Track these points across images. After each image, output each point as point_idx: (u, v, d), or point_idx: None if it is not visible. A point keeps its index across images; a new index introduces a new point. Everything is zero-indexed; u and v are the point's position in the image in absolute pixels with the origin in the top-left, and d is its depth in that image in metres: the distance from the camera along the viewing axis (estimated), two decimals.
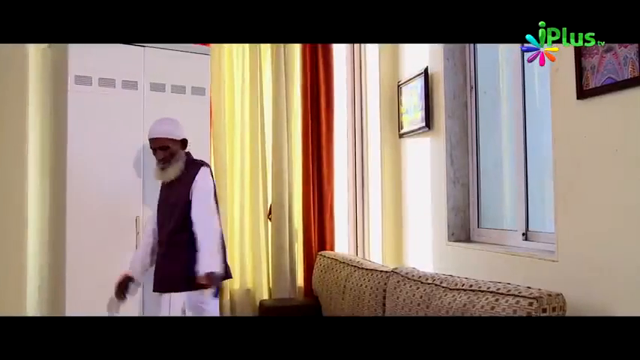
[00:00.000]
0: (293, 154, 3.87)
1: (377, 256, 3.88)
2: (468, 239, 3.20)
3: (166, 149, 2.69)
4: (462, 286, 2.39)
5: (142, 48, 3.06)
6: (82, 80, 2.90)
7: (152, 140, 2.71)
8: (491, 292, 2.21)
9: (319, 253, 3.83)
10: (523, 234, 2.74)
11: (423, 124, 3.37)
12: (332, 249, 3.90)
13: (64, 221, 2.88)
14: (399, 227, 3.80)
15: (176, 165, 2.69)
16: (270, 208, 3.81)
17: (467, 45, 3.24)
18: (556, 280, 2.25)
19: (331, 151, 3.94)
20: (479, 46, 3.22)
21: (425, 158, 3.46)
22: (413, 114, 3.56)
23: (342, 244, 4.03)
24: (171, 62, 3.15)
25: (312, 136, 3.89)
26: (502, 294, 2.14)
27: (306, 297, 3.83)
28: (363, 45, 4.09)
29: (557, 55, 2.26)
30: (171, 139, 2.70)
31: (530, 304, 2.00)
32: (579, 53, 2.14)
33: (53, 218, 3.09)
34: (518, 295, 2.07)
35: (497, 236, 2.96)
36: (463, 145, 3.23)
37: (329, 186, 3.91)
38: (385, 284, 2.91)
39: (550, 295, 2.02)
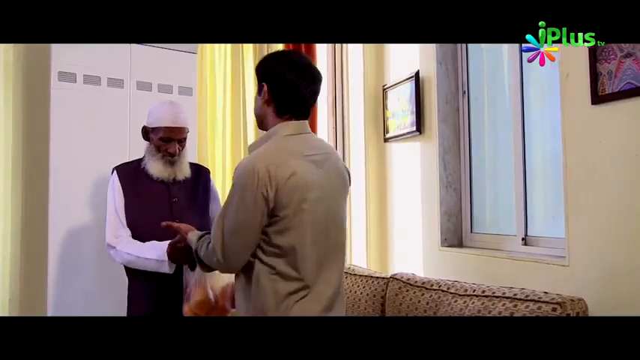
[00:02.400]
0: None
1: (361, 262, 3.82)
2: (460, 245, 3.19)
3: (183, 142, 2.32)
4: (473, 291, 2.36)
5: (129, 45, 2.90)
6: (65, 77, 2.72)
7: (174, 130, 2.26)
8: (507, 297, 2.18)
9: None
10: (522, 239, 2.75)
11: (414, 128, 3.34)
12: None
13: (45, 225, 2.69)
14: (384, 233, 3.76)
15: (185, 161, 2.35)
16: None
17: (459, 49, 3.24)
18: (567, 284, 2.25)
19: None
20: (470, 50, 3.22)
21: (413, 163, 3.43)
22: (400, 118, 3.53)
23: None
24: (158, 60, 3.00)
25: None
26: (520, 299, 2.13)
27: None
28: (345, 48, 4.04)
29: (569, 60, 2.29)
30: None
31: (554, 309, 1.99)
32: (594, 58, 2.16)
33: (30, 222, 2.88)
34: (539, 301, 2.06)
35: (494, 241, 2.95)
36: (455, 150, 3.22)
37: None
38: (384, 291, 2.85)
39: (573, 301, 2.01)
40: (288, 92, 1.74)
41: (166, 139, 2.26)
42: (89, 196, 2.78)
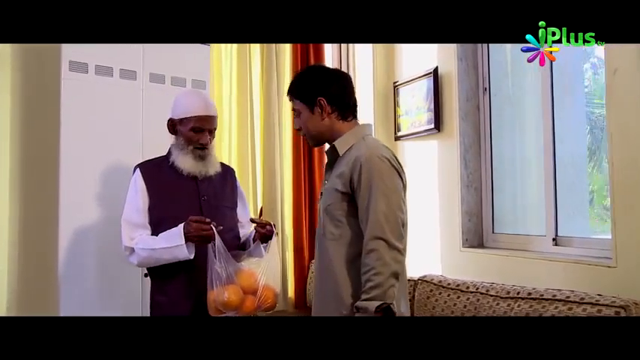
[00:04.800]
0: (284, 157, 3.65)
1: None
2: (480, 245, 3.11)
3: (213, 132, 2.21)
4: (517, 294, 2.27)
5: None
6: (77, 67, 2.54)
7: (206, 119, 2.16)
8: (558, 300, 2.10)
9: (313, 261, 3.62)
10: (553, 239, 2.68)
11: (432, 126, 3.25)
12: None
13: (55, 224, 2.52)
14: None
15: (214, 154, 2.24)
16: (261, 211, 3.54)
17: (479, 46, 3.16)
18: (614, 286, 2.17)
19: (323, 158, 3.74)
20: (491, 47, 3.15)
21: (430, 161, 3.34)
22: (415, 116, 3.44)
23: None
24: (171, 52, 2.84)
25: (304, 141, 3.67)
26: (575, 302, 2.04)
27: (297, 309, 3.60)
28: (353, 45, 3.94)
29: (617, 55, 2.23)
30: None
31: (617, 312, 1.91)
32: None
33: (37, 221, 2.68)
34: (598, 304, 1.98)
35: (520, 241, 2.87)
36: (475, 149, 3.14)
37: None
38: (410, 294, 2.75)
39: (637, 303, 1.94)
40: (344, 97, 1.91)
41: (198, 130, 2.15)
42: (100, 193, 2.62)
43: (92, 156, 2.59)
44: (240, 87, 3.54)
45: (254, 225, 2.21)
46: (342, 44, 3.94)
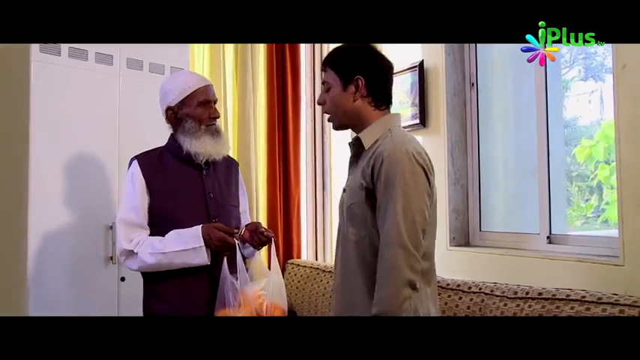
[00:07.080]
0: (259, 154, 3.48)
1: None
2: (467, 244, 3.04)
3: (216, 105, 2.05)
4: (526, 294, 2.19)
5: None
6: (49, 48, 2.28)
7: (209, 88, 2.02)
8: (574, 300, 2.03)
9: (289, 261, 3.46)
10: (547, 237, 2.64)
11: (416, 121, 3.16)
12: (299, 257, 3.56)
13: (24, 223, 2.27)
14: None
15: (224, 132, 2.07)
16: None
17: None
18: (622, 285, 2.14)
19: (298, 154, 3.61)
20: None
21: None
22: (397, 110, 3.34)
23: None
24: None
25: (279, 137, 3.53)
26: (592, 302, 1.97)
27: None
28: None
29: (626, 50, 2.20)
30: None
31: None
32: None
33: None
34: (618, 304, 1.92)
35: (511, 240, 2.82)
36: (462, 145, 3.08)
37: (296, 190, 3.57)
38: None
39: None
40: (384, 84, 1.75)
41: (206, 103, 1.98)
42: (73, 187, 2.38)
43: (64, 146, 2.35)
44: (213, 82, 3.33)
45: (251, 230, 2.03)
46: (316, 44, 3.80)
